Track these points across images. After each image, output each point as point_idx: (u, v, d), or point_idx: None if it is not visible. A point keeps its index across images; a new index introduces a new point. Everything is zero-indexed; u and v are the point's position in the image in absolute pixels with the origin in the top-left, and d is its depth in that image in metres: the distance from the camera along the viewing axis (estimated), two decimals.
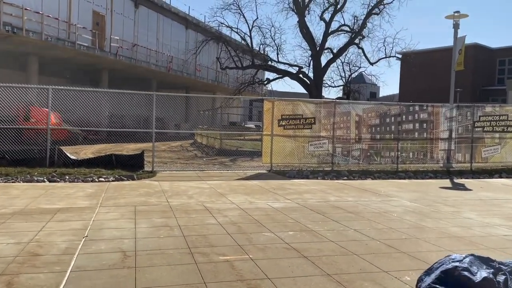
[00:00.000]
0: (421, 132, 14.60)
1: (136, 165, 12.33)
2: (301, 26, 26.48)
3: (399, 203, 8.28)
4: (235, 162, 16.35)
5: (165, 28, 33.49)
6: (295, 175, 12.22)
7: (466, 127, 14.91)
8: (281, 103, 13.43)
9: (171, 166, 14.18)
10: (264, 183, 10.69)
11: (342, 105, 14.16)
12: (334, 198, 8.73)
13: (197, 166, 14.21)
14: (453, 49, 14.99)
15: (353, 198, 8.78)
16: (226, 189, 9.52)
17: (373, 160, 14.26)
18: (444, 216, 7.16)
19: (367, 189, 10.13)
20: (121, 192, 8.72)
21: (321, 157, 13.96)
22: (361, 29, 26.48)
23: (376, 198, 8.87)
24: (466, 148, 14.92)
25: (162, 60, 32.23)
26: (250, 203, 7.85)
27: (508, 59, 39.56)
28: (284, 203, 7.92)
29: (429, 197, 9.13)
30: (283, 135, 13.36)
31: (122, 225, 5.82)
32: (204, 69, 37.40)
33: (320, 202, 8.21)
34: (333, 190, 9.86)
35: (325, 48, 28.00)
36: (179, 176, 11.62)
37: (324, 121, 13.86)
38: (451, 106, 14.80)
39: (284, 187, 10.11)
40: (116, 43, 27.12)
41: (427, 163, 14.67)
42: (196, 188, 9.55)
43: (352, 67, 32.72)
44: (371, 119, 14.27)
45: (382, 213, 7.19)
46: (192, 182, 10.52)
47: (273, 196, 8.75)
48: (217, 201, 7.98)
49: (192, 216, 6.57)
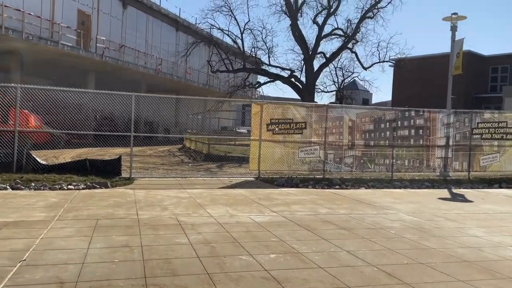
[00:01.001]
0: (417, 138, 13.86)
1: (112, 171, 11.42)
2: (293, 29, 25.75)
3: (397, 217, 7.47)
4: (222, 168, 15.48)
5: (154, 29, 32.60)
6: (284, 183, 11.38)
7: (463, 134, 14.20)
8: (270, 106, 12.62)
9: (153, 172, 13.28)
10: (250, 192, 9.83)
11: (334, 109, 13.38)
12: (325, 210, 7.89)
13: (180, 173, 13.31)
14: (450, 52, 14.30)
15: (345, 210, 7.95)
16: (206, 199, 8.65)
17: (367, 168, 13.48)
18: (448, 233, 6.35)
19: (361, 199, 9.31)
20: (88, 202, 7.82)
21: (312, 164, 13.14)
22: (355, 33, 25.81)
23: (371, 210, 8.05)
24: (464, 156, 14.20)
25: (151, 63, 31.33)
26: (231, 216, 6.99)
27: (501, 67, 39.27)
28: (269, 217, 7.07)
29: (428, 210, 8.33)
30: (272, 141, 12.53)
31: (73, 245, 4.93)
32: (194, 73, 36.54)
33: (310, 215, 7.37)
34: (324, 200, 9.04)
35: (318, 52, 27.29)
36: (158, 184, 10.74)
37: (316, 126, 13.06)
38: (448, 112, 14.09)
39: (271, 197, 9.26)
40: (103, 43, 26.18)
41: (423, 172, 13.91)
42: (174, 197, 8.67)
43: (345, 72, 32.15)
44: (365, 124, 13.50)
45: (378, 230, 6.36)
46: (171, 190, 9.64)
47: (257, 207, 7.89)
48: (193, 213, 7.10)
49: (160, 233, 5.69)
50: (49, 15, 23.34)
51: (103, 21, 27.06)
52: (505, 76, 38.82)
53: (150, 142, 28.58)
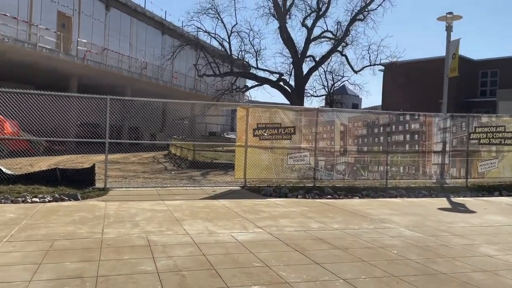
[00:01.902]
0: (412, 144, 13.16)
1: (85, 181, 10.49)
2: (281, 32, 25.07)
3: (397, 232, 6.69)
4: (207, 176, 14.62)
5: (139, 32, 31.66)
6: (271, 193, 10.56)
7: (461, 139, 13.54)
8: (257, 110, 11.81)
9: (131, 181, 12.37)
10: (234, 203, 8.99)
11: (325, 113, 12.61)
12: (317, 225, 7.08)
13: (161, 182, 12.43)
14: (446, 53, 13.67)
15: (339, 225, 7.15)
16: (185, 212, 7.79)
17: (360, 175, 12.72)
18: (456, 252, 5.58)
19: (356, 211, 8.53)
20: (50, 218, 6.91)
21: (301, 172, 12.34)
22: (345, 36, 25.22)
23: (367, 224, 7.27)
24: (461, 162, 13.53)
25: (136, 66, 30.37)
26: (210, 234, 6.14)
27: (490, 71, 39.12)
28: (253, 234, 6.23)
29: (430, 223, 7.57)
30: (259, 147, 11.72)
31: (14, 277, 4.04)
32: (181, 77, 35.65)
33: (299, 231, 6.55)
34: (315, 213, 8.23)
35: (307, 56, 26.67)
36: (135, 195, 9.84)
37: (305, 131, 12.28)
38: (444, 116, 13.43)
39: (257, 209, 8.43)
40: (84, 46, 25.18)
41: (419, 179, 13.19)
42: (149, 211, 7.79)
43: (335, 76, 31.58)
44: (358, 129, 12.77)
45: (378, 250, 5.57)
46: (147, 202, 8.75)
47: (241, 222, 7.05)
48: (167, 231, 6.24)
49: (124, 257, 4.82)
50: (26, 17, 22.31)
51: (84, 24, 26.08)
52: (494, 81, 38.65)
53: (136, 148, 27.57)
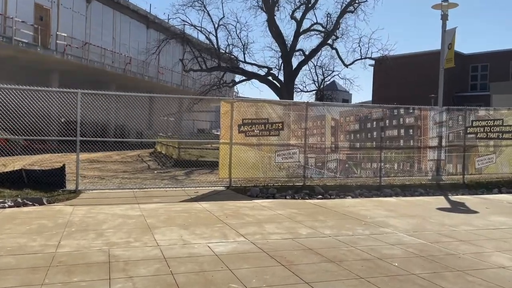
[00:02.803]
0: (407, 139, 12.48)
1: (55, 183, 9.63)
2: (270, 25, 24.23)
3: (396, 239, 5.96)
4: (190, 175, 13.80)
5: (122, 26, 30.54)
6: (258, 194, 9.79)
7: (457, 134, 12.89)
8: (242, 104, 11.01)
9: (108, 182, 11.51)
10: (217, 206, 8.21)
11: (315, 107, 11.85)
12: (306, 230, 6.32)
13: (140, 182, 11.59)
14: (441, 43, 12.99)
15: (331, 230, 6.41)
16: (160, 218, 6.98)
17: (352, 173, 12.01)
18: (466, 263, 4.86)
19: (349, 213, 7.80)
20: (3, 227, 6.05)
21: (290, 170, 11.59)
22: (335, 29, 24.45)
23: (362, 229, 6.53)
24: (458, 158, 12.89)
25: (120, 61, 29.31)
26: (184, 245, 5.34)
27: (480, 65, 38.80)
28: (234, 244, 5.45)
29: (431, 226, 6.86)
30: (244, 144, 10.93)
31: None
32: (168, 72, 34.64)
33: (287, 239, 5.79)
34: (305, 216, 7.48)
35: (296, 50, 25.88)
36: (109, 198, 9.01)
37: (294, 126, 11.52)
38: (440, 109, 12.76)
39: (241, 212, 7.65)
40: (64, 40, 24.08)
41: (414, 176, 12.52)
42: (120, 217, 6.97)
43: (325, 71, 30.85)
44: (350, 124, 12.04)
45: (376, 262, 4.82)
46: (120, 206, 7.93)
47: (221, 229, 6.27)
48: (135, 242, 5.43)
49: (74, 279, 4.01)
50: (1, 9, 21.18)
51: (64, 16, 24.95)
52: (485, 75, 38.36)
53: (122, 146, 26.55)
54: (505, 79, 33.89)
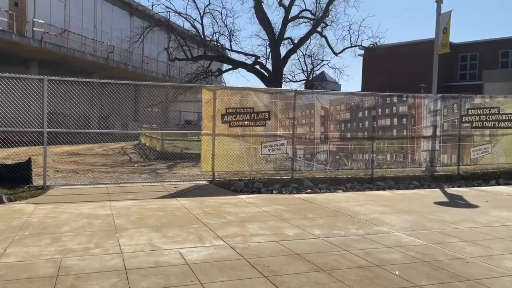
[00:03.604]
0: (400, 129, 11.85)
1: (21, 179, 8.81)
2: (257, 11, 23.35)
3: (394, 240, 5.31)
4: (172, 169, 13.04)
5: (104, 13, 29.35)
6: (242, 188, 9.09)
7: (452, 123, 12.31)
8: (226, 92, 10.25)
9: (82, 177, 10.71)
10: (196, 203, 7.49)
11: (304, 95, 11.11)
12: (293, 231, 5.64)
13: (117, 177, 10.80)
14: (436, 27, 12.33)
15: (321, 230, 5.73)
16: (131, 217, 6.24)
17: (343, 165, 11.36)
18: (476, 270, 4.23)
19: (340, 209, 7.14)
20: None
21: (278, 162, 10.91)
22: (324, 15, 23.66)
23: (356, 228, 5.87)
24: (453, 148, 12.32)
25: (102, 50, 28.20)
26: (151, 252, 4.62)
27: (470, 55, 38.36)
28: (210, 249, 4.75)
29: (430, 224, 6.23)
30: (228, 135, 10.19)
31: None
32: (153, 62, 33.59)
33: (271, 242, 5.11)
34: (292, 213, 6.80)
35: (285, 38, 25.07)
36: (80, 194, 8.24)
37: (282, 116, 10.81)
38: (435, 97, 12.15)
39: (222, 210, 6.95)
40: (41, 27, 22.95)
41: (407, 167, 11.92)
42: (86, 217, 6.21)
43: (314, 60, 30.10)
44: (340, 113, 11.36)
45: (374, 270, 4.16)
46: (89, 204, 7.17)
47: (198, 231, 5.56)
48: (95, 248, 4.69)
49: None
50: None
51: (41, 2, 23.73)
52: (474, 64, 37.95)
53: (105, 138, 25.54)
54: (494, 68, 33.56)
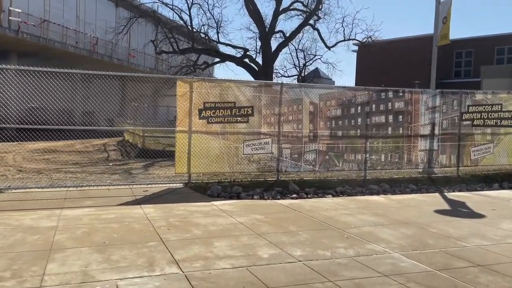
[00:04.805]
0: (395, 127, 10.90)
1: None
2: (246, 2, 22.29)
3: (390, 264, 4.34)
4: (149, 169, 12.02)
5: (87, 3, 28.09)
6: (220, 193, 8.08)
7: (452, 120, 11.37)
8: (204, 85, 9.21)
9: (44, 178, 9.65)
10: (163, 211, 6.48)
11: (291, 89, 10.10)
12: (269, 251, 4.66)
13: (83, 178, 9.76)
14: (435, 17, 11.38)
15: (303, 249, 4.75)
16: (77, 232, 5.21)
17: (333, 166, 10.39)
18: None
19: (328, 220, 6.16)
20: None
21: (262, 163, 9.91)
22: (317, 7, 22.64)
23: (344, 246, 4.89)
24: (452, 148, 11.39)
25: (85, 42, 27.00)
26: (80, 284, 3.60)
27: (465, 51, 37.50)
28: (157, 281, 3.74)
29: (433, 241, 5.27)
30: (206, 132, 9.17)
31: None
32: (140, 55, 32.43)
33: (238, 268, 4.11)
34: (272, 225, 5.81)
35: (276, 31, 24.04)
36: (31, 200, 7.20)
37: (267, 111, 9.80)
38: (433, 92, 11.20)
39: (190, 221, 5.94)
40: (18, 17, 21.73)
41: (403, 168, 10.99)
42: (22, 230, 5.18)
43: (306, 54, 29.12)
44: (331, 109, 10.38)
45: None
46: (36, 213, 6.14)
47: (152, 251, 4.55)
48: (10, 279, 3.66)
49: None
50: None
51: None
52: (469, 61, 37.13)
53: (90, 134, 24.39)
54: (490, 65, 32.77)
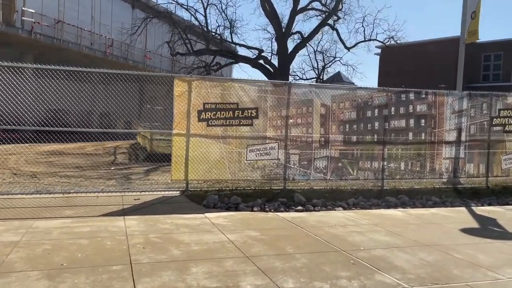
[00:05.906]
0: (417, 132, 9.89)
1: None
2: (263, 2, 21.54)
3: None
4: (150, 174, 11.35)
5: (103, 5, 27.87)
6: (216, 203, 7.28)
7: (480, 126, 10.30)
8: (204, 84, 8.45)
9: (32, 183, 9.06)
10: (146, 225, 5.72)
11: (300, 89, 9.25)
12: (254, 283, 3.81)
13: (75, 183, 9.13)
14: (462, 12, 10.33)
15: (296, 282, 3.88)
16: (37, 250, 4.50)
17: (347, 174, 9.46)
18: None
19: (333, 239, 5.27)
20: None
21: (267, 170, 9.08)
22: (336, 7, 21.69)
23: (348, 278, 4.00)
24: (480, 156, 10.30)
25: (100, 44, 26.75)
26: None
27: (493, 54, 35.72)
28: None
29: (459, 271, 4.32)
30: (206, 136, 8.40)
31: None
32: (156, 57, 32.03)
33: None
34: (267, 245, 4.97)
35: (294, 32, 23.21)
36: (9, 207, 6.60)
37: (273, 114, 8.97)
38: (460, 94, 10.14)
39: (172, 237, 5.16)
40: (32, 17, 21.55)
41: (425, 178, 9.97)
42: None
43: (326, 57, 28.14)
44: (345, 112, 9.47)
45: None
46: (3, 224, 5.48)
47: (111, 280, 3.77)
48: None
49: None
50: None
51: None
52: (498, 64, 35.34)
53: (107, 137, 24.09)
54: None
